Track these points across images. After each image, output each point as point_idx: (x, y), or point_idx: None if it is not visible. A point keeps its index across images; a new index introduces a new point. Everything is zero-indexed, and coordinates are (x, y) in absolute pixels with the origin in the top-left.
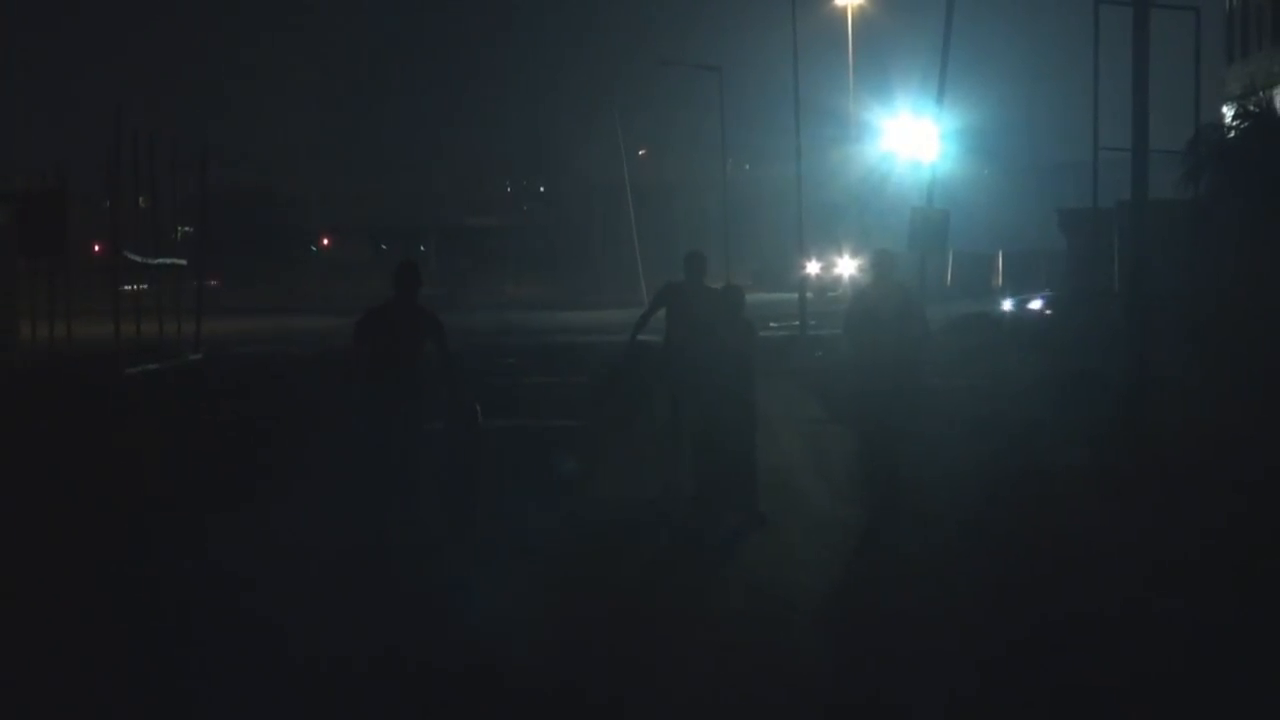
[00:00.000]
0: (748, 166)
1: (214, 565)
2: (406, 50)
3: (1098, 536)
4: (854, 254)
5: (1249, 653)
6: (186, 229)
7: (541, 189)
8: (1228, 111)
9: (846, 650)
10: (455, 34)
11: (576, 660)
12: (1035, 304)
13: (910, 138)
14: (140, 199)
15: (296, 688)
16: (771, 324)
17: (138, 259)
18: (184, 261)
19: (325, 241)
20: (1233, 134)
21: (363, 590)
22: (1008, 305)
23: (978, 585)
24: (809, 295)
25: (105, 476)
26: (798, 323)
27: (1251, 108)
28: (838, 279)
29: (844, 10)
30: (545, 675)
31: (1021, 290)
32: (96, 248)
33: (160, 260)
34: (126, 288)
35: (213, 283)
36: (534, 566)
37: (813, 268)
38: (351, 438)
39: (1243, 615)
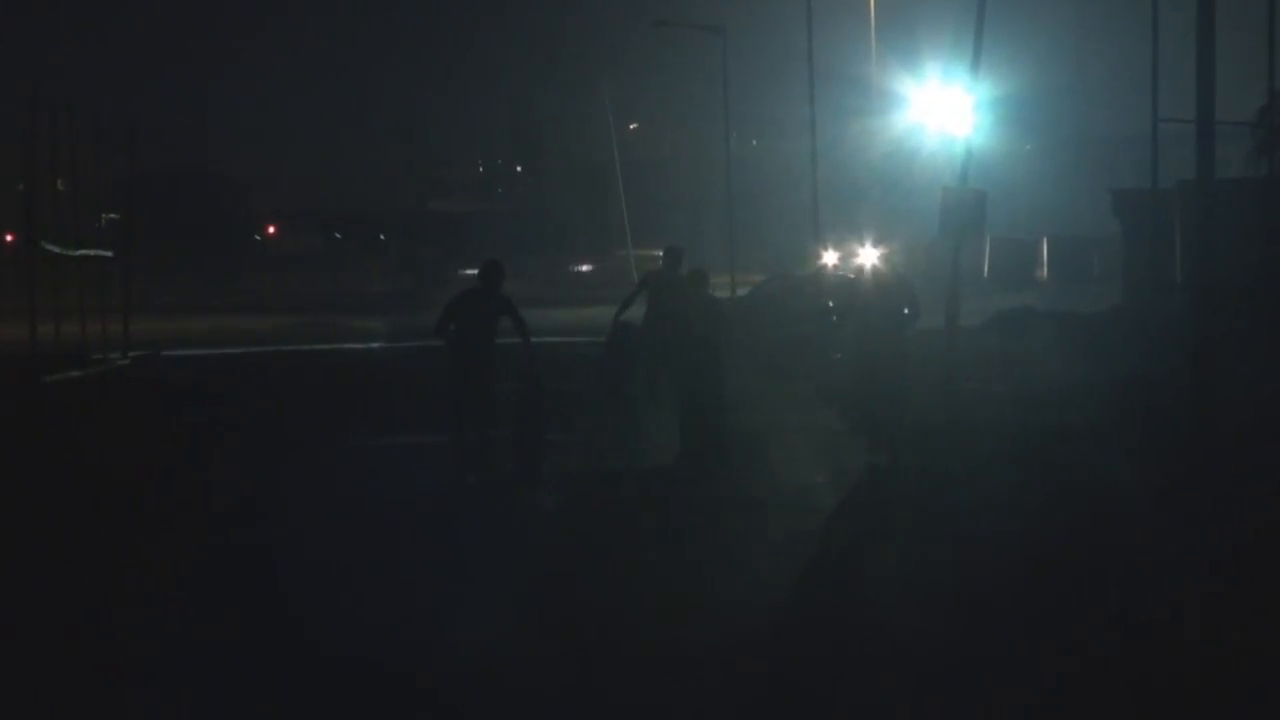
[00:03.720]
0: (755, 142)
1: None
2: (361, 14)
3: (1146, 556)
4: (877, 242)
5: None
6: (111, 216)
7: (519, 168)
8: None
9: (855, 661)
10: None
11: (575, 659)
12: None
13: (941, 108)
14: (59, 182)
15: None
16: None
17: (55, 250)
18: (109, 253)
19: (271, 230)
20: None
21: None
22: None
23: (1005, 605)
24: None
25: (42, 493)
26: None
27: None
28: (859, 270)
29: None
30: (544, 674)
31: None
32: (9, 238)
33: (81, 252)
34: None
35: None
36: (532, 564)
37: (830, 257)
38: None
39: None
